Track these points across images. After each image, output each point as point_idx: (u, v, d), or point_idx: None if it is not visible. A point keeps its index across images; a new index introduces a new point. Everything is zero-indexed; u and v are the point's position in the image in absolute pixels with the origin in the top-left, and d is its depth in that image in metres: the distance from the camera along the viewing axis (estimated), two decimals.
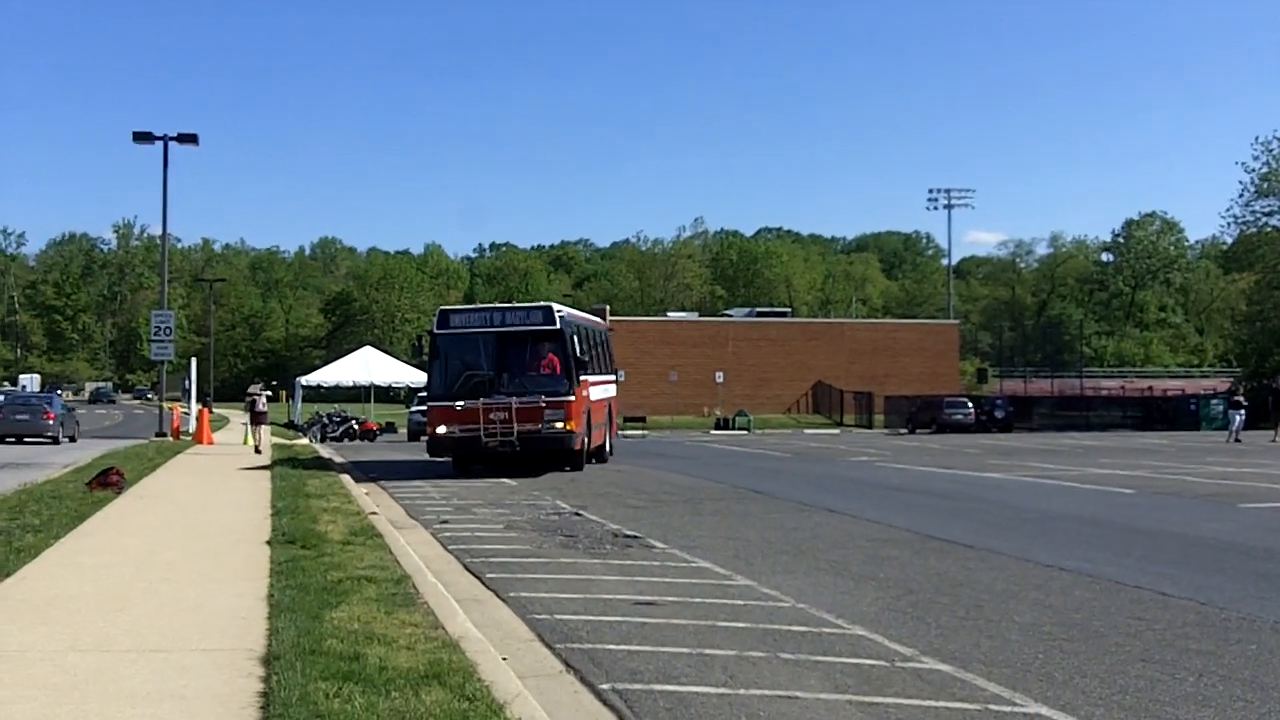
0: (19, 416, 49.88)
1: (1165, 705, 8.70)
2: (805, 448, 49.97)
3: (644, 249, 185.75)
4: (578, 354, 30.12)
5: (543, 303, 31.21)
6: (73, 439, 50.82)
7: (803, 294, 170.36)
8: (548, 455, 30.25)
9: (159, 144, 49.20)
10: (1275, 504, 22.50)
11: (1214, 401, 73.65)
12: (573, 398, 29.40)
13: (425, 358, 31.85)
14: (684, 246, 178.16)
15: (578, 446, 30.03)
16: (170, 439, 48.01)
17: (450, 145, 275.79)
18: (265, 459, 34.93)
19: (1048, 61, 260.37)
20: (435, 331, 30.38)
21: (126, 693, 8.26)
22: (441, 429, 29.58)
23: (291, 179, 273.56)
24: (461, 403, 29.20)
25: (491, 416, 28.94)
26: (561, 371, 29.65)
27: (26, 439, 48.63)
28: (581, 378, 30.45)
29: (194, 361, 65.26)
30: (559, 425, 29.08)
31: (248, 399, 44.41)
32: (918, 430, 71.98)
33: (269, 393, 43.52)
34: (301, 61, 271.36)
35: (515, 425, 28.89)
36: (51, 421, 49.58)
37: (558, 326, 29.66)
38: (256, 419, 42.45)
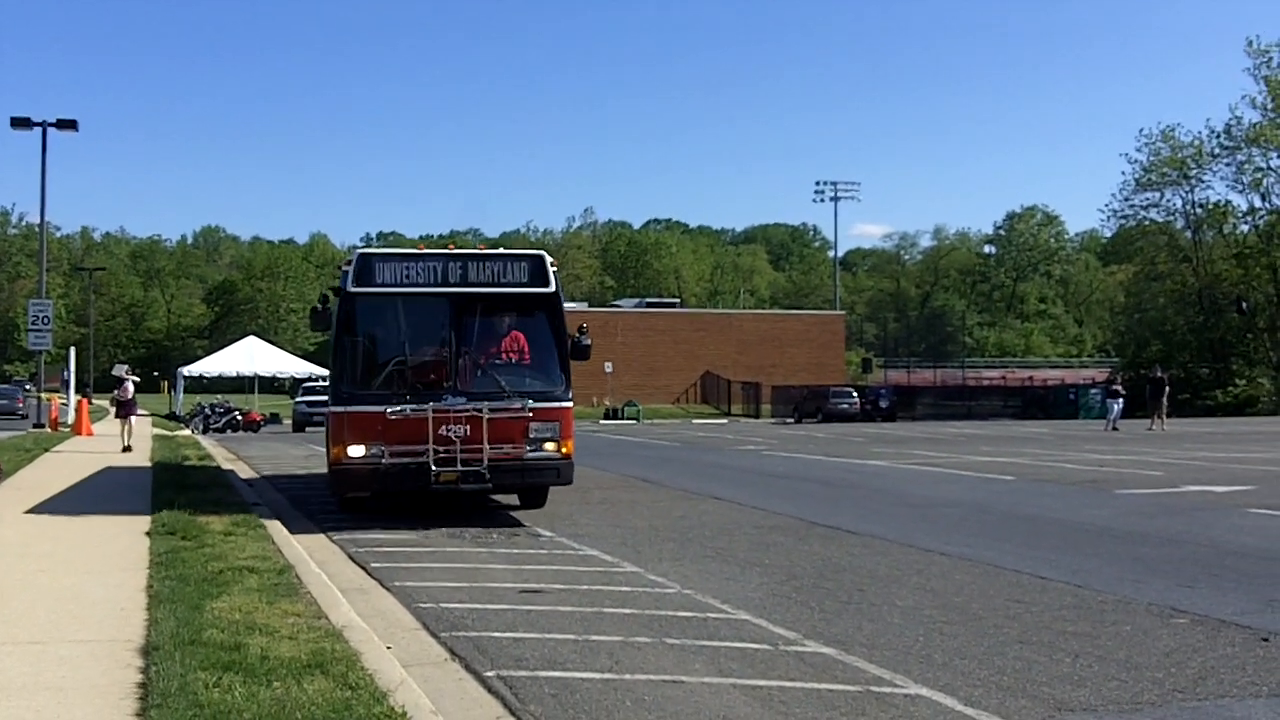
0: (1, 401, 70.52)
1: (1042, 685, 8.86)
2: (693, 437, 50.17)
3: (534, 239, 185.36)
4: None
5: (530, 250, 20.40)
6: (26, 416, 64.06)
7: (691, 285, 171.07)
8: (528, 494, 20.54)
9: (38, 130, 48.17)
10: (1151, 490, 22.97)
11: (1093, 391, 75.00)
12: (570, 403, 18.99)
13: (329, 332, 20.48)
14: (574, 237, 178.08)
15: (570, 481, 19.28)
16: (49, 430, 47.16)
17: (336, 132, 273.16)
18: (143, 458, 31.30)
19: (931, 55, 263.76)
20: (350, 290, 18.53)
21: (1, 685, 8.10)
22: (357, 450, 18.04)
23: (172, 166, 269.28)
24: (395, 408, 17.99)
25: (446, 432, 18.01)
26: (553, 361, 19.22)
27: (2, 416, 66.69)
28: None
29: (73, 352, 64.13)
30: (550, 447, 18.55)
31: (116, 386, 37.57)
32: (804, 420, 72.51)
33: (136, 377, 38.76)
34: (179, 47, 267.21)
35: (485, 447, 18.06)
36: (22, 405, 69.03)
37: (553, 288, 19.37)
38: (124, 410, 35.70)
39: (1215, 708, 8.31)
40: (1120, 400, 51.60)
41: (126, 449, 33.80)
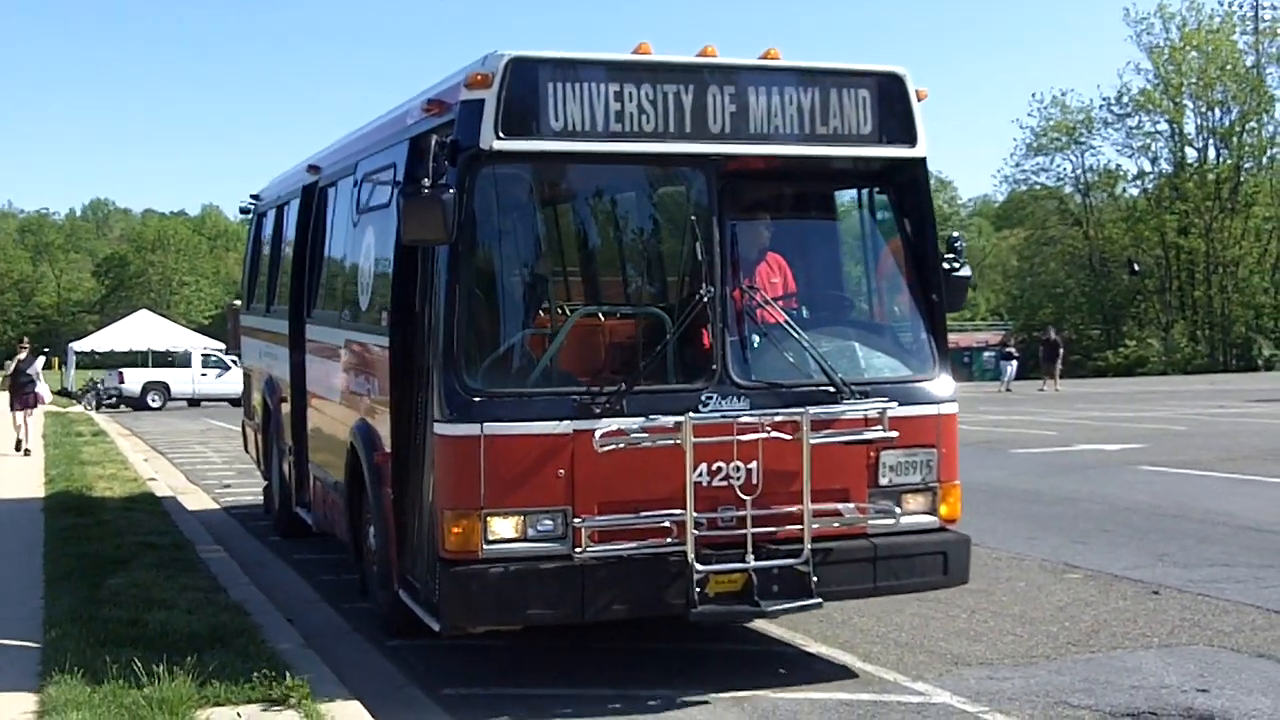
0: None
1: (939, 641, 9.02)
2: None
3: None
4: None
5: (879, 66, 8.92)
6: None
7: None
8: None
9: None
10: (1045, 449, 23.29)
11: (986, 353, 75.83)
12: (954, 402, 9.98)
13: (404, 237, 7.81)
14: None
15: (965, 578, 8.73)
16: None
17: (225, 101, 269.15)
18: (36, 474, 20.45)
19: (821, 20, 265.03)
20: (492, 146, 7.62)
21: None
22: (506, 527, 7.58)
23: (60, 138, 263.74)
24: (610, 425, 7.59)
25: (717, 479, 7.79)
26: (916, 309, 9.39)
27: None
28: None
29: None
30: (920, 504, 8.94)
31: (14, 366, 26.97)
32: None
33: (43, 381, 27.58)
34: (61, 14, 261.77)
35: (807, 508, 7.84)
36: None
37: (921, 148, 8.78)
38: (23, 396, 25.35)
39: (1108, 659, 8.50)
40: (1014, 362, 52.26)
41: (24, 451, 24.27)
